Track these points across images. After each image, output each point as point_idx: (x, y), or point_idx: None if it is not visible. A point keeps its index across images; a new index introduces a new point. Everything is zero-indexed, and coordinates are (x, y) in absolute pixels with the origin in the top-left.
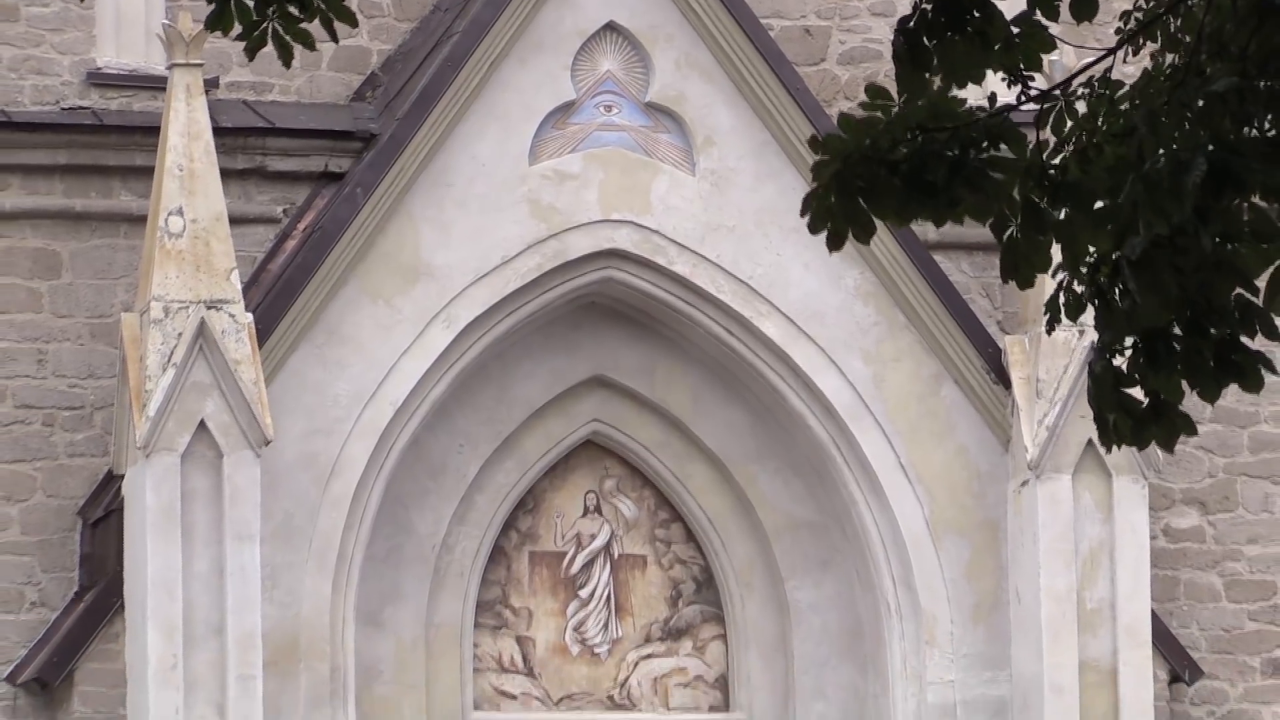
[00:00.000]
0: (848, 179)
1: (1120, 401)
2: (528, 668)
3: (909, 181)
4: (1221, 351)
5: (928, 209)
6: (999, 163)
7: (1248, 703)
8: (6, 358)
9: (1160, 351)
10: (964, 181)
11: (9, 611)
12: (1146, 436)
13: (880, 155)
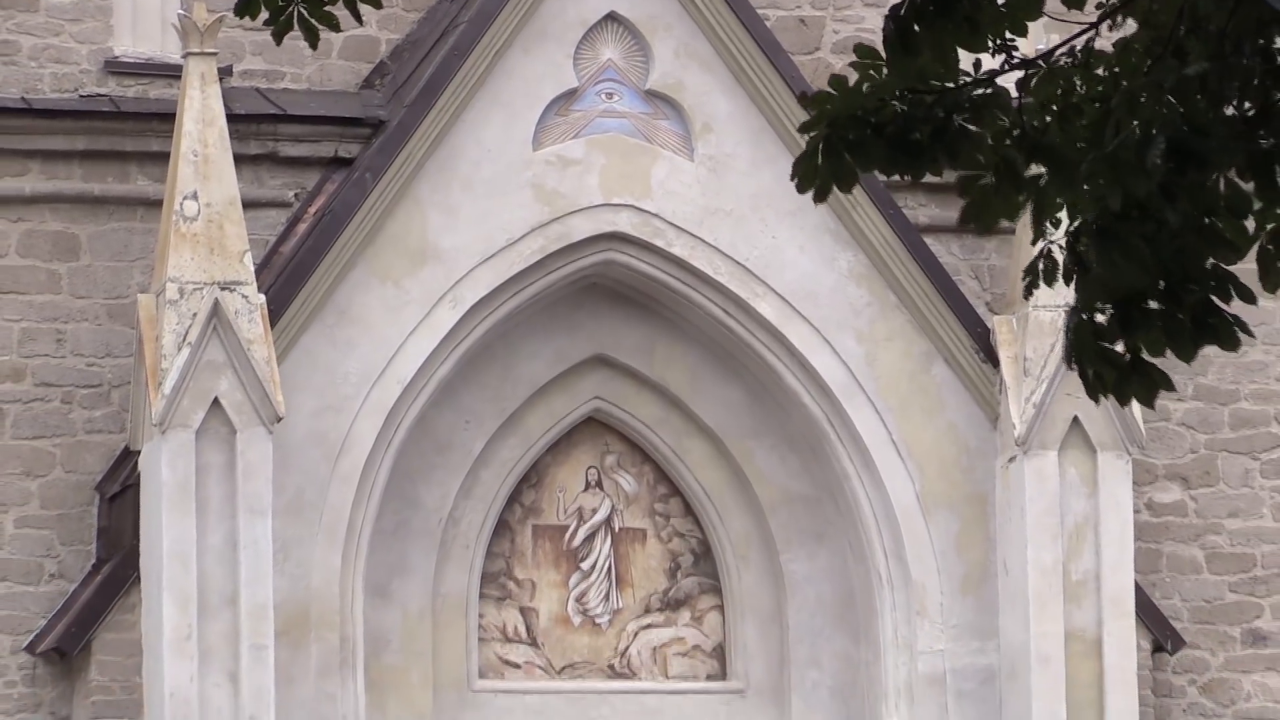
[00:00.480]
0: (834, 137)
1: (1102, 354)
2: (531, 637)
3: (893, 143)
4: (1198, 315)
5: (911, 168)
6: (981, 123)
7: (1228, 671)
8: (26, 337)
9: (1135, 317)
10: (947, 145)
11: (28, 583)
12: (1128, 391)
13: (866, 116)
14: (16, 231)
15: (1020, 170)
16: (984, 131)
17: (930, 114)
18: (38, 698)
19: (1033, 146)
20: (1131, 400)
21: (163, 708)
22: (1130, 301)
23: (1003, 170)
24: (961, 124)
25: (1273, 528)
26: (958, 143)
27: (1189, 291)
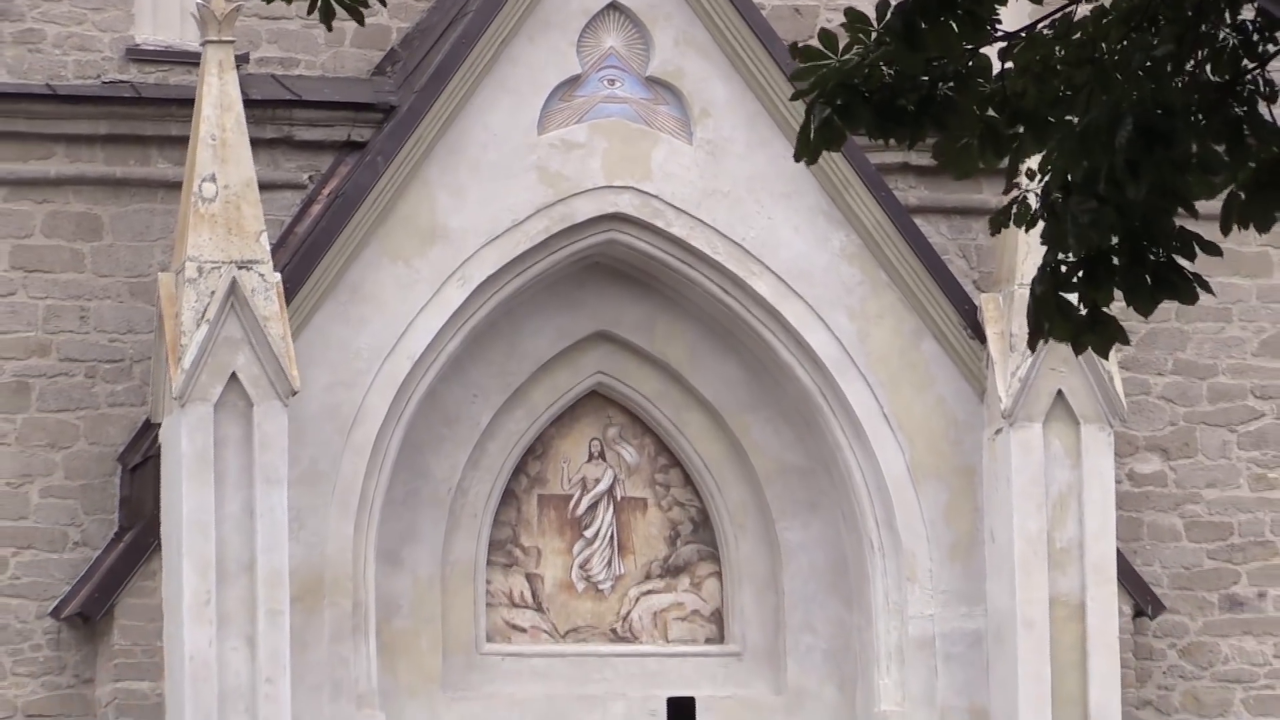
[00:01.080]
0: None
1: (1059, 307)
2: (536, 603)
3: (881, 109)
4: (1160, 272)
5: (897, 133)
6: (966, 92)
7: (1206, 635)
8: (51, 314)
9: (1100, 273)
10: (934, 113)
11: (53, 551)
12: (1083, 341)
13: (855, 83)
14: (42, 213)
15: (1002, 133)
16: (967, 99)
17: (916, 83)
18: (62, 661)
19: (1014, 111)
20: (1088, 349)
21: (182, 670)
22: (1097, 259)
23: (985, 134)
24: (946, 92)
25: (1249, 497)
26: (944, 111)
27: (1153, 251)
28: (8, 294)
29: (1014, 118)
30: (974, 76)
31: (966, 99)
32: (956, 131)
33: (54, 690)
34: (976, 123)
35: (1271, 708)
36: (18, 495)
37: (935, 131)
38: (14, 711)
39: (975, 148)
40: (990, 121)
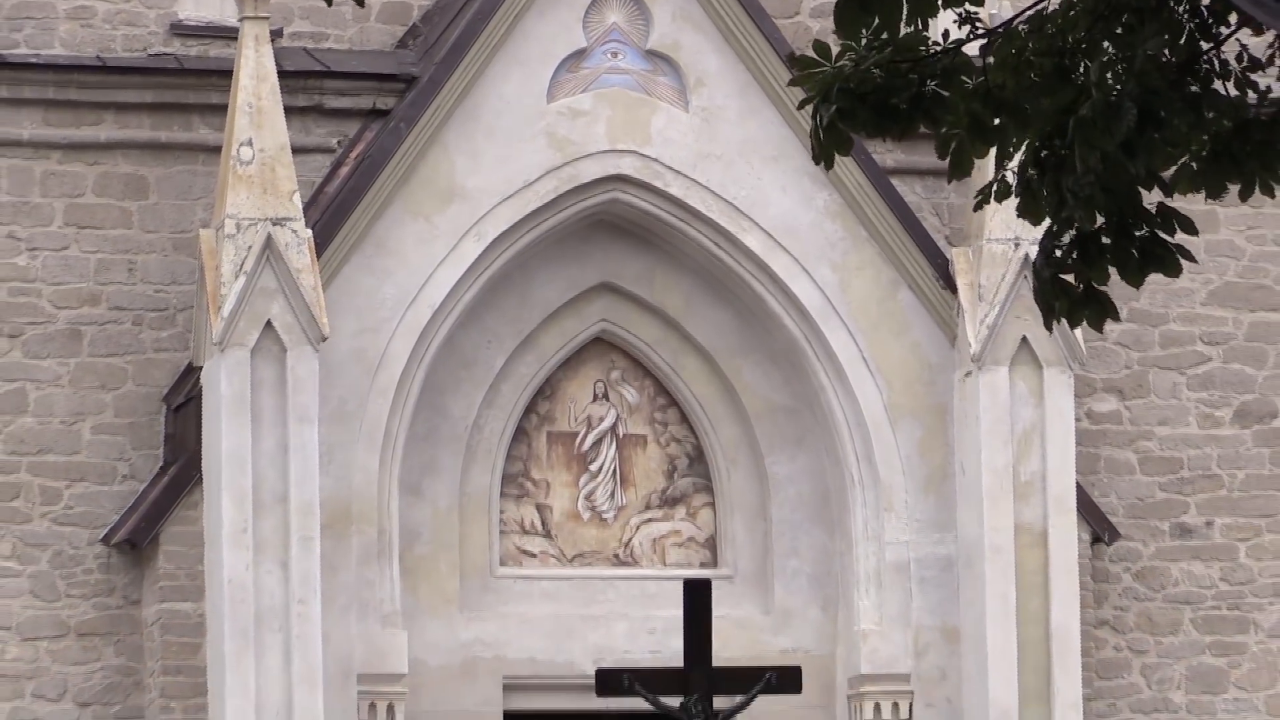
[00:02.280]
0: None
1: (1060, 287)
2: (546, 530)
3: (877, 109)
4: (1145, 246)
5: (893, 131)
6: (951, 87)
7: (1158, 560)
8: (102, 267)
9: (1093, 250)
10: (924, 109)
11: (103, 483)
12: (1079, 316)
13: (850, 88)
14: (93, 174)
15: (988, 123)
16: (954, 94)
17: (906, 81)
18: (112, 584)
19: (997, 102)
20: (1082, 323)
21: (222, 592)
22: (1089, 239)
23: (972, 125)
24: (934, 89)
25: (1198, 434)
26: (934, 106)
27: (1138, 227)
28: (61, 248)
29: (997, 109)
30: (958, 73)
31: (953, 94)
32: (945, 125)
33: (104, 610)
34: (963, 115)
35: (1218, 627)
36: (71, 432)
37: (927, 126)
38: (67, 630)
39: (967, 142)
40: (975, 113)
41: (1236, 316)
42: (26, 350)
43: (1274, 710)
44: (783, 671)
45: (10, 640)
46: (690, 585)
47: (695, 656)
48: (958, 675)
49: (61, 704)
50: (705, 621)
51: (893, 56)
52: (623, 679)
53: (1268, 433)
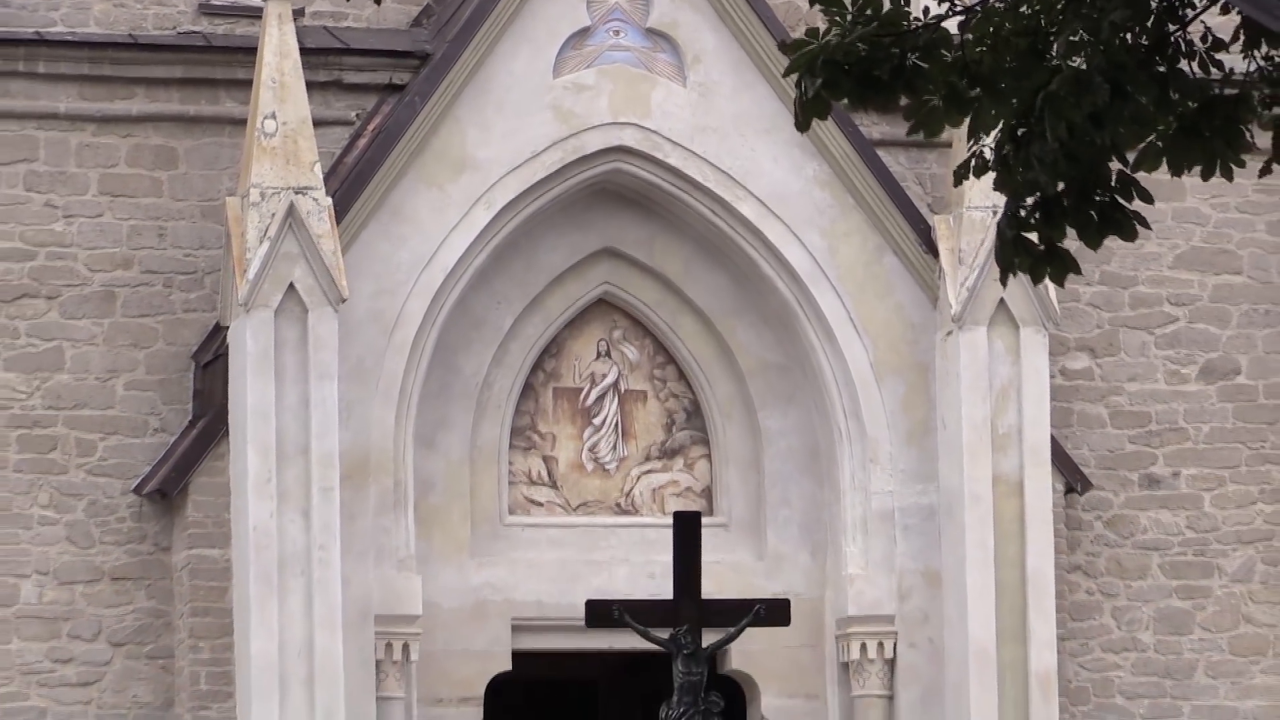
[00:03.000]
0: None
1: (1020, 243)
2: (552, 481)
3: (860, 80)
4: (1105, 211)
5: (875, 101)
6: (931, 60)
7: (1128, 509)
8: (134, 233)
9: (1055, 214)
10: (905, 80)
11: (136, 436)
12: (1041, 272)
13: (837, 60)
14: (125, 145)
15: (964, 95)
16: (933, 67)
17: (888, 54)
18: (143, 531)
19: (973, 75)
20: (1045, 279)
21: (247, 539)
22: (1052, 202)
23: (949, 96)
24: (915, 62)
25: (1165, 390)
26: (913, 79)
27: (1099, 193)
28: (96, 215)
29: (973, 82)
30: (937, 47)
31: (932, 67)
32: (924, 95)
33: (135, 556)
34: (941, 86)
35: (1184, 571)
36: (105, 388)
37: (907, 97)
38: (101, 575)
39: (941, 109)
40: (953, 85)
41: (1201, 279)
42: (63, 311)
43: (1237, 650)
44: (771, 605)
45: (47, 584)
46: (680, 517)
47: (685, 589)
48: (939, 617)
49: (96, 644)
50: (695, 554)
51: (876, 31)
52: (612, 610)
53: (1231, 389)
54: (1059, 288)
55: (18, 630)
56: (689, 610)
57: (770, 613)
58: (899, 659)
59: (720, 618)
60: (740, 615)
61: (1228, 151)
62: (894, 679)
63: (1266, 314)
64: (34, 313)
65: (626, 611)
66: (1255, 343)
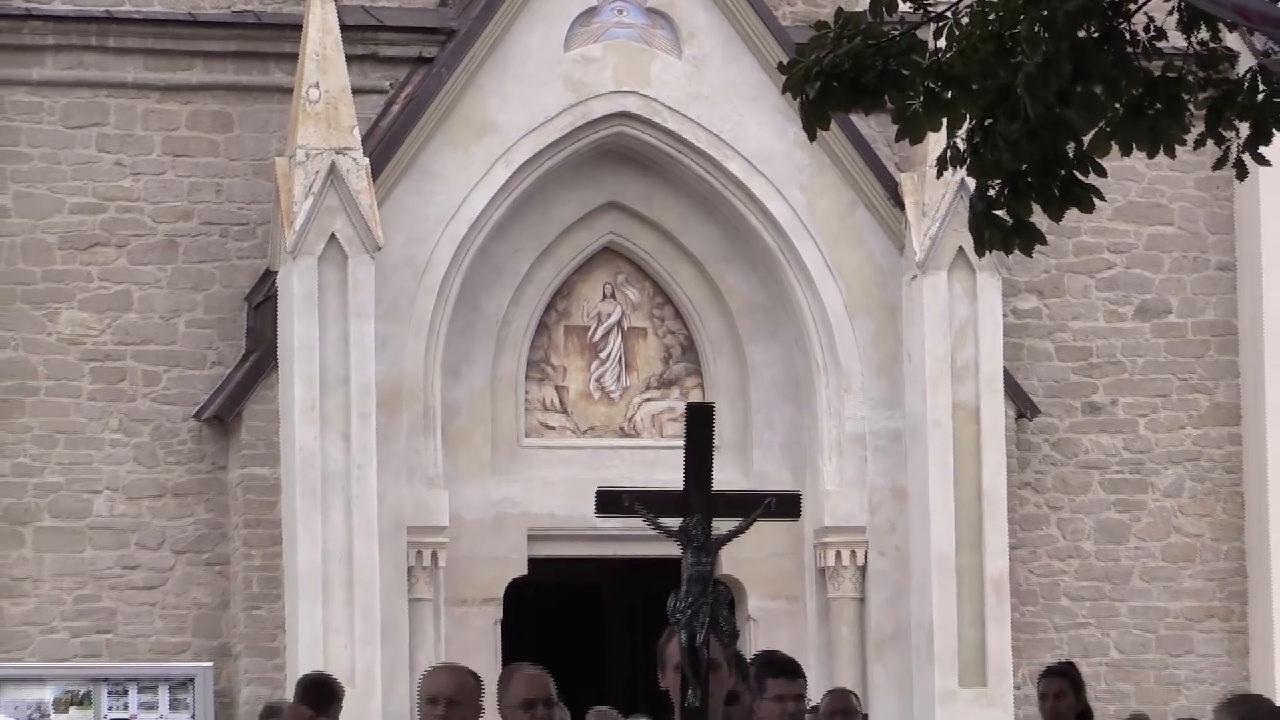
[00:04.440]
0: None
1: (992, 221)
2: (563, 408)
3: (850, 87)
4: (1065, 186)
5: (864, 104)
6: (910, 65)
7: (1071, 433)
8: (194, 189)
9: (1020, 187)
10: (889, 84)
11: (195, 368)
12: (1011, 244)
13: (828, 71)
14: (186, 111)
15: (940, 97)
16: (912, 71)
17: (872, 63)
18: (202, 452)
19: (946, 77)
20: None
21: (294, 459)
22: (1017, 179)
23: (927, 98)
24: (896, 68)
25: (1105, 327)
26: (896, 82)
27: (1059, 170)
28: (160, 173)
29: (946, 83)
30: (913, 52)
31: (911, 71)
32: (905, 97)
33: (195, 474)
34: (920, 90)
35: (1121, 487)
36: (168, 326)
37: (892, 100)
38: (165, 491)
39: (921, 113)
40: (930, 88)
41: (1137, 230)
42: (131, 258)
43: (1168, 558)
44: (782, 497)
45: (118, 499)
46: (692, 409)
47: (695, 479)
48: (905, 527)
49: (160, 552)
50: (706, 445)
51: (861, 45)
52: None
53: (1163, 326)
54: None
55: (91, 540)
56: (699, 501)
57: (781, 505)
58: (869, 565)
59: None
60: (751, 507)
61: (1170, 129)
62: (865, 583)
63: (1194, 260)
64: (105, 259)
65: (636, 500)
66: (1184, 285)
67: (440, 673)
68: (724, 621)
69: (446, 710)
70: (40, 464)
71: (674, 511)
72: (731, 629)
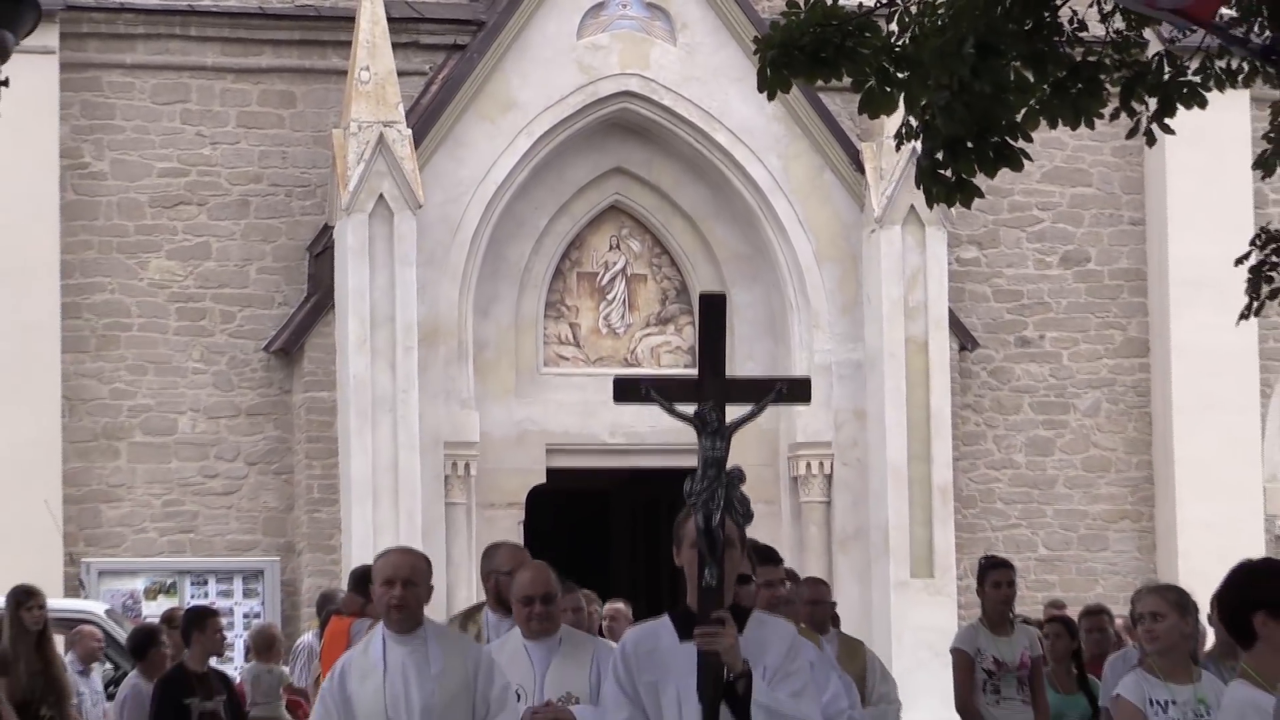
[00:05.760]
0: (776, 59)
1: (938, 179)
2: (575, 341)
3: (810, 58)
4: (998, 149)
5: (822, 74)
6: (865, 44)
7: (1005, 363)
8: (263, 155)
9: (960, 152)
10: (845, 56)
11: (265, 308)
12: (953, 198)
13: (793, 43)
14: (256, 90)
15: (892, 76)
16: (866, 50)
17: (830, 39)
18: (270, 379)
19: (899, 58)
20: (957, 204)
21: (348, 385)
22: (958, 143)
23: (880, 75)
24: (852, 45)
25: (1034, 274)
26: (850, 57)
27: (994, 136)
28: (235, 143)
29: (899, 63)
30: (865, 31)
31: (864, 48)
32: (859, 72)
33: (264, 398)
34: (874, 67)
35: (1047, 409)
36: (241, 272)
37: (848, 72)
38: (239, 412)
39: (878, 92)
40: (883, 66)
41: (1061, 190)
42: (210, 215)
43: (1088, 468)
44: (793, 382)
45: (199, 419)
46: (706, 297)
47: (710, 366)
48: (864, 443)
49: (235, 463)
50: (720, 334)
51: (820, 20)
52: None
53: (1083, 273)
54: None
55: (176, 453)
56: (713, 387)
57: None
58: (834, 474)
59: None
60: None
61: (1090, 105)
62: (831, 489)
63: (1110, 216)
64: (188, 216)
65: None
66: (1101, 238)
67: (395, 554)
68: (738, 503)
69: (403, 590)
70: (133, 389)
71: (689, 398)
72: (746, 510)
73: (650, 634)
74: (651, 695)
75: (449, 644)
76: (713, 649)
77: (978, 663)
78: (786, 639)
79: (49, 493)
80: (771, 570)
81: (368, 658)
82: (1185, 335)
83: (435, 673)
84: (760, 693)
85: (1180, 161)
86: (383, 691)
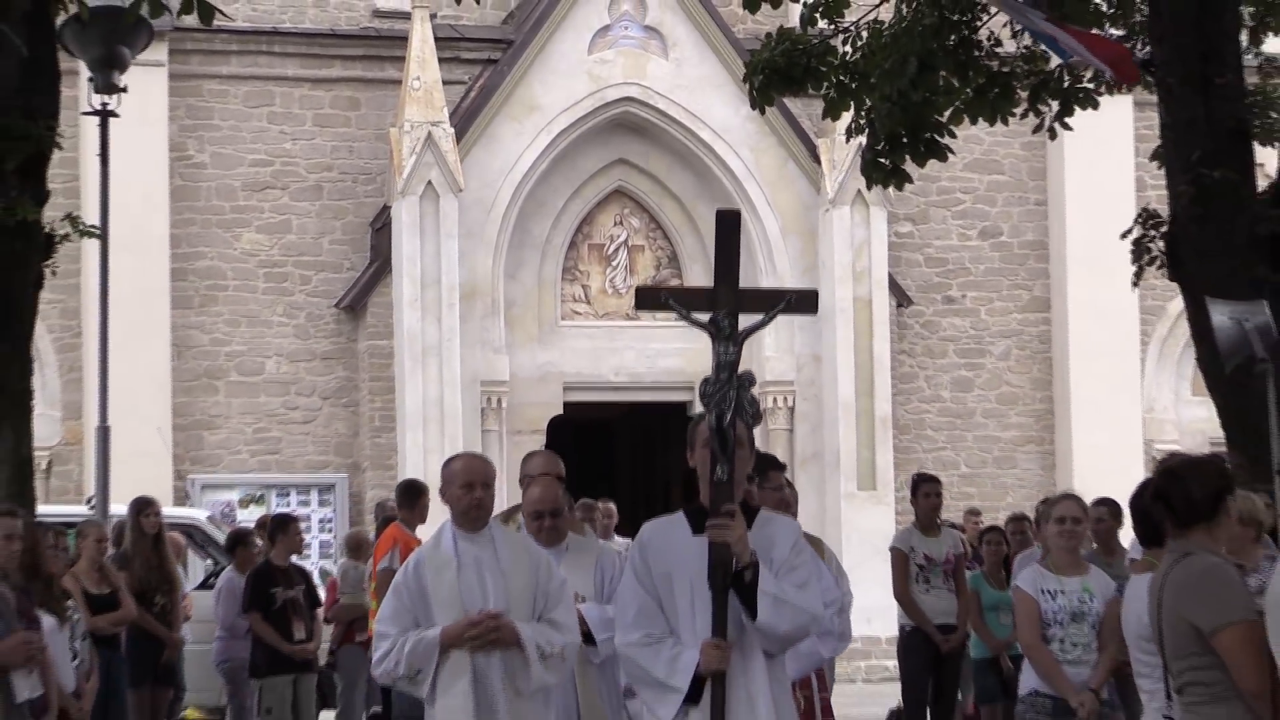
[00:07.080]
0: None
1: (878, 166)
2: (587, 299)
3: (782, 76)
4: (928, 145)
5: (794, 90)
6: (824, 63)
7: (935, 317)
8: (334, 150)
9: (896, 146)
10: (810, 75)
11: (336, 273)
12: (889, 181)
13: (772, 66)
14: (328, 97)
15: (849, 87)
16: (825, 68)
17: (799, 60)
18: (340, 330)
19: (854, 73)
20: (891, 185)
21: (403, 334)
22: (893, 139)
23: (839, 88)
24: (815, 65)
25: (958, 244)
26: (815, 75)
27: (924, 134)
28: (311, 139)
29: (853, 77)
30: (826, 55)
31: (826, 68)
32: (821, 85)
33: (335, 345)
34: (833, 83)
35: (969, 355)
36: (316, 243)
37: (813, 88)
38: (315, 356)
39: (837, 99)
40: (841, 82)
41: (980, 177)
42: (291, 197)
43: (1001, 401)
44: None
45: (283, 362)
46: (722, 214)
47: (723, 277)
48: (820, 382)
49: (311, 398)
50: (734, 247)
51: (791, 48)
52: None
53: (998, 244)
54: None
55: (263, 390)
56: (727, 296)
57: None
58: (796, 407)
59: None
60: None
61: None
62: (793, 419)
63: (1019, 198)
64: (274, 198)
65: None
66: (1012, 216)
67: (472, 459)
68: (748, 404)
69: (483, 492)
70: (229, 338)
71: (704, 307)
72: (755, 411)
73: (665, 528)
74: (666, 585)
75: (512, 541)
76: (723, 540)
77: (911, 559)
78: (791, 536)
79: (161, 422)
80: (776, 476)
81: (440, 553)
82: (1079, 295)
83: (505, 568)
84: (767, 582)
85: (1076, 153)
86: (458, 583)
